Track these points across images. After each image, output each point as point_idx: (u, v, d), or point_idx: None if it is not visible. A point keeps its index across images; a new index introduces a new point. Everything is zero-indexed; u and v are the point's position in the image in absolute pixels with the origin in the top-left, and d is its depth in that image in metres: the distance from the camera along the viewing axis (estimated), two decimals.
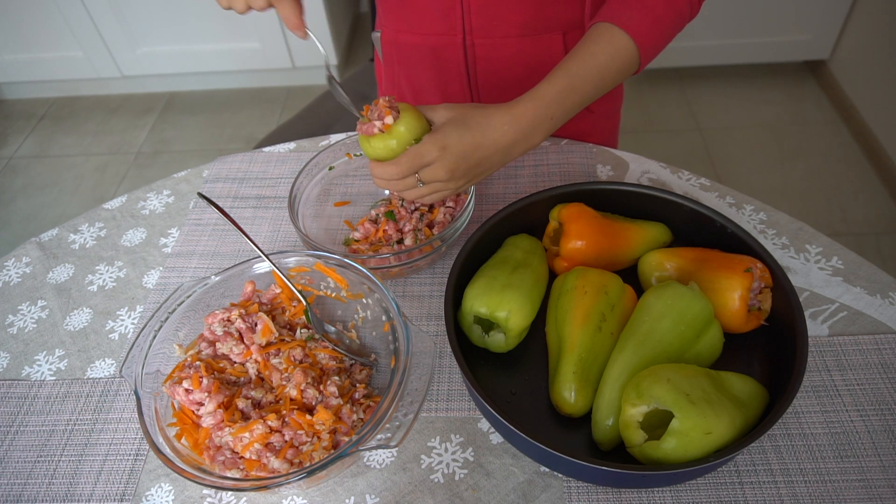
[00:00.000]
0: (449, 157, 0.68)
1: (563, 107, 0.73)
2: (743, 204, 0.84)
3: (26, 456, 0.68)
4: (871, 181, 2.04)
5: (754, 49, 2.34)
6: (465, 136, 0.68)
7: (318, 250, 0.73)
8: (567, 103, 0.73)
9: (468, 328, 0.69)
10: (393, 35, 0.96)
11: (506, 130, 0.70)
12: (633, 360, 0.62)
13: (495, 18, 0.87)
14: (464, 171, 0.69)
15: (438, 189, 0.71)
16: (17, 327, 0.81)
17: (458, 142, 0.68)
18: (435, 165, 0.68)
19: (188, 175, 0.98)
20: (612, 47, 0.73)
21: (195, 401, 0.63)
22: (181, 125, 2.53)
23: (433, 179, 0.69)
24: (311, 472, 0.56)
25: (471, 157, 0.69)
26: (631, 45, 0.73)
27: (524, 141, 0.71)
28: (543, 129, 0.72)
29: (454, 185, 0.71)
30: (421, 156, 0.67)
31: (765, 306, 0.68)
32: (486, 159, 0.70)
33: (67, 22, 2.34)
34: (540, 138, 0.73)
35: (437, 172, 0.68)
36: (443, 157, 0.67)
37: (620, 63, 0.74)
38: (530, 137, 0.72)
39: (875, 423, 0.64)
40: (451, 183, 0.70)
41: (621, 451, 0.61)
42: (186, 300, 0.69)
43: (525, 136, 0.71)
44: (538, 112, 0.71)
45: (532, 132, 0.71)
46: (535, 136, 0.72)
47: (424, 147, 0.67)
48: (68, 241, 0.91)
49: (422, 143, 0.68)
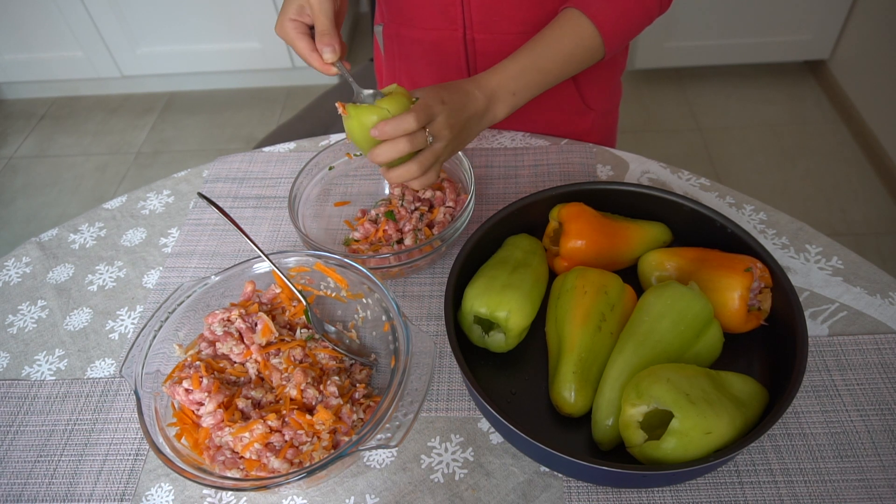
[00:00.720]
0: (449, 111, 0.69)
1: (523, 83, 0.75)
2: (743, 204, 0.84)
3: (26, 456, 0.68)
4: (871, 181, 2.04)
5: (754, 49, 2.34)
6: (454, 95, 0.71)
7: (318, 250, 0.73)
8: (528, 80, 0.75)
9: (468, 328, 0.69)
10: (394, 29, 0.96)
11: (477, 95, 0.73)
12: (632, 359, 0.62)
13: (496, 14, 0.88)
14: (457, 130, 0.71)
15: (438, 154, 0.70)
16: (17, 327, 0.81)
17: (450, 98, 0.70)
18: (440, 119, 0.68)
19: (188, 175, 0.98)
20: (578, 35, 0.76)
21: (195, 401, 0.63)
22: (181, 125, 2.53)
23: (439, 135, 0.69)
24: (311, 472, 0.56)
25: (461, 115, 0.71)
26: (596, 34, 0.77)
27: (488, 111, 0.74)
28: (505, 102, 0.75)
29: (450, 147, 0.71)
30: (428, 107, 0.67)
31: (765, 306, 0.68)
32: (469, 121, 0.72)
33: (67, 22, 2.34)
34: (502, 111, 0.75)
35: (442, 127, 0.69)
36: (445, 111, 0.69)
37: (584, 50, 0.77)
38: (492, 108, 0.74)
39: (875, 423, 0.64)
40: (449, 145, 0.71)
41: (621, 451, 0.61)
42: (186, 300, 0.69)
43: (488, 106, 0.74)
44: (500, 83, 0.74)
45: (493, 103, 0.74)
46: (496, 108, 0.75)
47: (426, 101, 0.68)
48: (68, 241, 0.91)
49: (424, 97, 0.68)
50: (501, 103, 0.75)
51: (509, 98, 0.75)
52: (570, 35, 0.77)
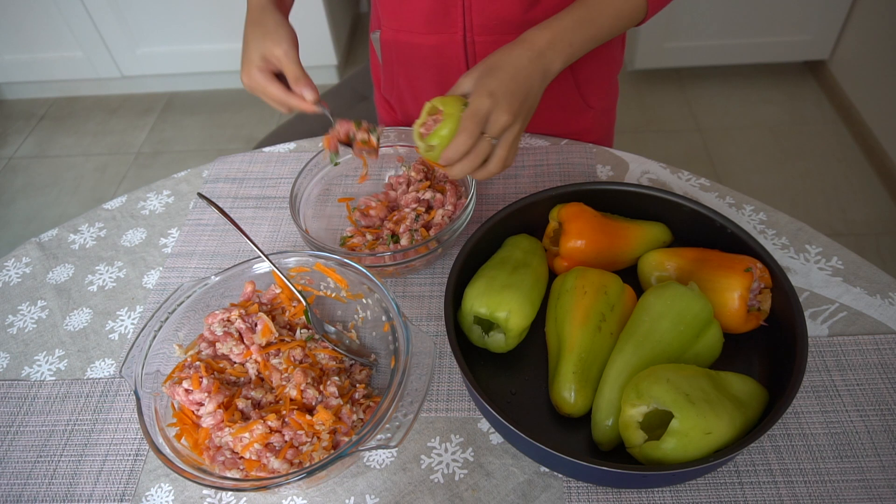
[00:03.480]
0: (501, 99, 0.67)
1: (579, 35, 0.74)
2: (743, 204, 0.84)
3: (26, 456, 0.68)
4: (871, 181, 2.04)
5: (754, 49, 2.34)
6: (501, 76, 0.68)
7: (320, 249, 0.73)
8: (583, 33, 0.74)
9: (468, 328, 0.69)
10: (392, 34, 0.96)
11: (525, 62, 0.70)
12: (632, 360, 0.62)
13: (497, 16, 0.87)
14: (518, 107, 0.69)
15: (510, 139, 0.70)
16: (16, 327, 0.81)
17: (498, 84, 0.68)
18: (495, 113, 0.67)
19: (188, 175, 0.98)
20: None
21: (195, 401, 0.63)
22: (181, 125, 2.53)
23: (501, 127, 0.68)
24: (311, 472, 0.56)
25: (518, 91, 0.69)
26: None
27: (544, 69, 0.72)
28: (562, 53, 0.73)
29: (519, 124, 0.70)
30: (477, 111, 0.67)
31: (764, 306, 0.68)
32: (530, 91, 0.70)
33: (67, 22, 2.34)
34: (558, 64, 0.73)
35: (499, 118, 0.67)
36: (496, 102, 0.67)
37: (632, 7, 0.77)
38: (547, 63, 0.72)
39: (875, 423, 0.64)
40: (517, 123, 0.69)
41: (621, 451, 0.61)
42: (186, 300, 0.69)
43: (540, 57, 0.71)
44: (556, 35, 0.72)
45: (548, 57, 0.72)
46: (553, 61, 0.73)
47: (474, 104, 0.67)
48: (68, 241, 0.91)
49: (471, 102, 0.67)
50: (558, 55, 0.73)
51: (566, 49, 0.73)
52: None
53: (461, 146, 0.66)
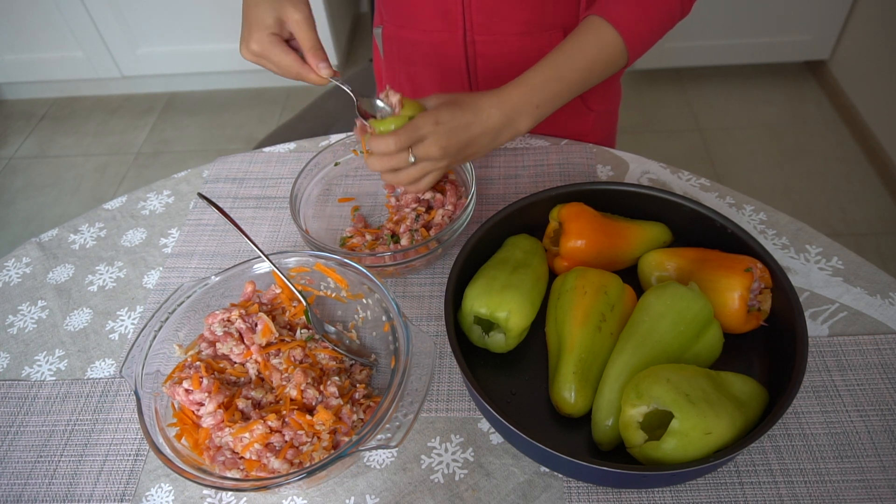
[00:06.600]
0: (442, 133, 0.69)
1: (548, 94, 0.74)
2: (743, 204, 0.84)
3: (26, 456, 0.68)
4: (871, 181, 2.04)
5: (754, 49, 2.34)
6: (457, 115, 0.70)
7: (320, 248, 0.73)
8: (553, 91, 0.75)
9: (468, 328, 0.69)
10: (394, 31, 0.96)
11: (493, 113, 0.72)
12: (632, 360, 0.62)
13: (496, 15, 0.88)
14: (455, 150, 0.71)
15: (428, 169, 0.72)
16: (17, 327, 0.81)
17: (450, 119, 0.70)
18: (428, 141, 0.69)
19: (188, 175, 0.98)
20: (601, 41, 0.76)
21: (195, 401, 0.63)
22: (181, 125, 2.53)
23: (426, 156, 0.70)
24: (311, 472, 0.56)
25: (461, 136, 0.71)
26: (618, 39, 0.76)
27: (511, 126, 0.74)
28: (529, 115, 0.74)
29: (444, 163, 0.72)
30: (417, 128, 0.68)
31: (764, 306, 0.68)
32: (475, 139, 0.72)
33: (67, 22, 2.34)
34: (526, 125, 0.75)
35: (430, 149, 0.69)
36: (436, 133, 0.69)
37: (608, 57, 0.76)
38: (516, 122, 0.74)
39: (875, 423, 0.64)
40: (442, 161, 0.71)
41: (621, 451, 0.61)
42: (186, 300, 0.69)
43: (511, 121, 0.73)
44: (523, 98, 0.73)
45: (517, 117, 0.74)
46: (520, 121, 0.74)
47: (420, 121, 0.69)
48: (68, 241, 0.91)
49: (417, 118, 0.69)
50: (525, 116, 0.74)
51: (533, 111, 0.74)
52: (593, 42, 0.76)
53: (383, 146, 0.69)
